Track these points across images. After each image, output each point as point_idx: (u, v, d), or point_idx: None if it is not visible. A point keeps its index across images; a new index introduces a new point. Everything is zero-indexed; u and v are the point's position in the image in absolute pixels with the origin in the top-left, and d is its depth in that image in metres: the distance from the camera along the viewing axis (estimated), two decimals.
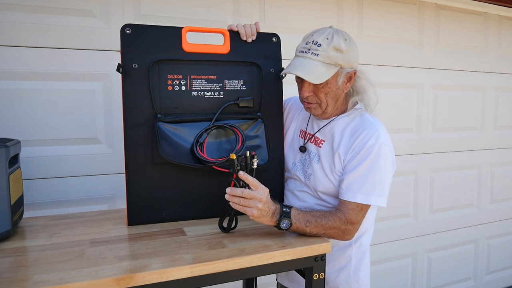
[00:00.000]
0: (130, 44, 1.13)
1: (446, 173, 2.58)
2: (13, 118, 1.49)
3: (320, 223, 1.08)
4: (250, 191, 1.01)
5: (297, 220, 1.06)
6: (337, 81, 1.17)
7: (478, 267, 2.81)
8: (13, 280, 0.79)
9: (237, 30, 1.24)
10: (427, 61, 2.41)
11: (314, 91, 1.18)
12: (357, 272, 1.26)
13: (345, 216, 1.12)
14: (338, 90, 1.19)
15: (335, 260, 1.25)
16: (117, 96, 1.58)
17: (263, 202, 1.01)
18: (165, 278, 0.85)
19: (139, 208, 1.16)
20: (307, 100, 1.20)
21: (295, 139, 1.35)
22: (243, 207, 1.02)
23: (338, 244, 1.24)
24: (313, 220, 1.08)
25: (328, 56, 1.12)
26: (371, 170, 1.14)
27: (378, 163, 1.14)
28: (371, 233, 1.31)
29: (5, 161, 1.01)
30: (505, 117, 2.78)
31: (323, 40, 1.13)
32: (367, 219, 1.24)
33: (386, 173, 1.17)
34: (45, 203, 1.54)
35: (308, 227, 1.07)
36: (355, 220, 1.13)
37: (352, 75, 1.20)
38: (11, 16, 1.47)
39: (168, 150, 1.13)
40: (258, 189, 1.02)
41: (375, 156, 1.14)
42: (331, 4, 2.09)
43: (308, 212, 1.10)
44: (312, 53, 1.13)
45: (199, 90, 1.20)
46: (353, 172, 1.15)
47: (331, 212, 1.13)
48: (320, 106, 1.21)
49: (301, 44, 1.18)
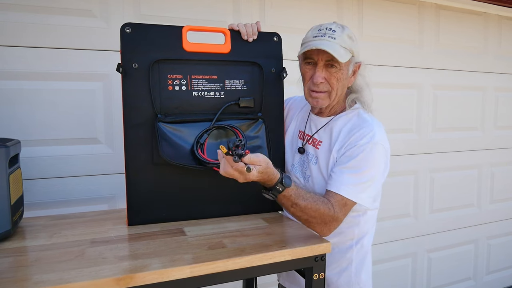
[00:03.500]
0: (130, 43, 1.13)
1: (446, 173, 2.58)
2: (13, 118, 1.49)
3: (307, 210, 1.04)
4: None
5: (284, 198, 1.02)
6: (348, 69, 1.18)
7: (478, 267, 2.81)
8: (13, 280, 0.79)
9: (238, 30, 1.23)
10: (427, 61, 2.41)
11: (326, 78, 1.16)
12: (359, 274, 1.25)
13: (333, 209, 1.08)
14: (346, 81, 1.20)
15: (335, 262, 1.24)
16: (117, 96, 1.58)
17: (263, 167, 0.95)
18: (165, 278, 0.85)
19: (139, 208, 1.16)
20: (318, 88, 1.17)
21: (294, 140, 1.34)
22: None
23: (339, 246, 1.23)
24: (302, 204, 1.04)
25: (343, 40, 1.13)
26: (361, 167, 1.12)
27: (369, 161, 1.13)
28: (372, 234, 1.30)
29: (5, 161, 1.01)
30: (505, 117, 2.78)
31: (337, 28, 1.15)
32: (368, 221, 1.23)
33: (377, 172, 1.15)
34: (45, 203, 1.54)
35: (293, 208, 1.04)
36: (338, 216, 1.08)
37: (357, 69, 1.21)
38: (11, 16, 1.47)
39: (168, 151, 1.13)
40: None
41: (367, 154, 1.12)
42: (331, 4, 2.09)
43: (302, 196, 1.05)
44: (329, 36, 1.13)
45: (200, 90, 1.20)
46: (343, 166, 1.13)
47: (323, 201, 1.08)
48: (330, 95, 1.18)
49: (312, 32, 1.17)
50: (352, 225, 1.22)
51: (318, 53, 1.14)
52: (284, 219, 1.24)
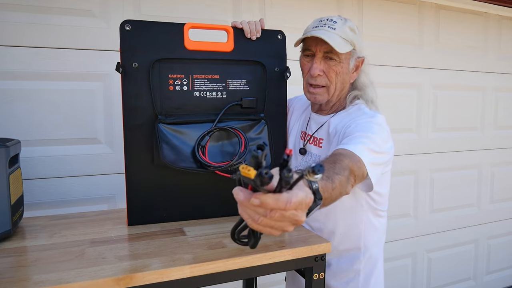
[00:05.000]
0: (130, 41, 1.10)
1: (446, 173, 2.58)
2: (13, 118, 1.49)
3: (344, 177, 0.85)
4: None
5: (325, 197, 0.78)
6: (349, 63, 1.15)
7: (478, 267, 2.81)
8: (13, 280, 0.79)
9: (241, 27, 1.20)
10: (427, 61, 2.41)
11: (324, 71, 1.14)
12: (367, 284, 1.21)
13: (358, 156, 0.93)
14: (347, 76, 1.16)
15: (342, 272, 1.21)
16: (117, 96, 1.58)
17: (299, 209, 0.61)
18: (165, 278, 0.85)
19: (139, 208, 1.15)
20: (315, 82, 1.15)
21: (297, 141, 1.32)
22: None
23: (346, 257, 1.20)
24: (337, 180, 0.83)
25: (344, 32, 1.10)
26: (370, 129, 1.03)
27: (374, 128, 1.04)
28: (382, 244, 1.24)
29: (5, 161, 1.01)
30: (505, 117, 2.78)
31: (338, 19, 1.13)
32: (378, 229, 1.18)
33: (384, 142, 1.04)
34: (45, 203, 1.54)
35: (336, 190, 0.82)
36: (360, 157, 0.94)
37: (360, 64, 1.18)
38: (11, 16, 1.47)
39: (169, 154, 1.10)
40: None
41: (370, 123, 1.05)
42: (331, 3, 2.09)
43: (329, 176, 0.82)
44: (329, 26, 1.11)
45: (201, 90, 1.17)
46: (350, 130, 1.04)
47: (342, 159, 0.90)
48: (328, 90, 1.16)
49: (313, 24, 1.15)
50: (359, 235, 1.19)
51: (317, 44, 1.12)
52: None
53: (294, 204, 0.56)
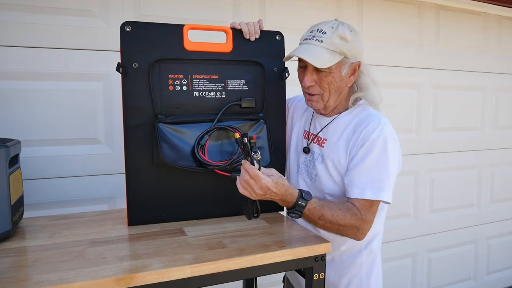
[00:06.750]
0: (130, 42, 1.11)
1: (446, 173, 2.58)
2: (13, 118, 1.49)
3: (335, 219, 1.05)
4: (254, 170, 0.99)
5: (310, 213, 1.04)
6: (341, 71, 1.15)
7: (478, 267, 2.81)
8: (13, 280, 0.79)
9: (240, 28, 1.21)
10: (427, 61, 2.41)
11: (316, 81, 1.15)
12: (368, 278, 1.23)
13: (360, 213, 1.07)
14: (342, 82, 1.17)
15: (345, 268, 1.22)
16: (117, 96, 1.58)
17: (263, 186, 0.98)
18: (165, 278, 0.85)
19: (139, 208, 1.16)
20: (309, 91, 1.18)
21: (299, 140, 1.33)
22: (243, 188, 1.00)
23: (348, 252, 1.22)
24: (328, 214, 1.04)
25: (332, 43, 1.11)
26: (378, 164, 1.10)
27: (383, 156, 1.11)
28: (381, 236, 1.27)
29: (5, 161, 1.01)
30: (505, 117, 2.78)
31: (328, 29, 1.12)
32: (377, 223, 1.20)
33: (393, 166, 1.13)
34: (45, 203, 1.54)
35: (321, 220, 1.05)
36: (367, 218, 1.08)
37: (356, 68, 1.18)
38: (11, 16, 1.47)
39: (169, 153, 1.11)
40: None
41: (381, 149, 1.11)
42: (331, 4, 2.09)
43: (326, 205, 1.06)
44: (316, 39, 1.12)
45: (201, 90, 1.19)
46: (359, 167, 1.11)
47: (347, 207, 1.08)
48: (322, 98, 1.18)
49: (306, 33, 1.17)
50: None
51: None
52: (285, 219, 1.24)
53: (253, 173, 0.97)
